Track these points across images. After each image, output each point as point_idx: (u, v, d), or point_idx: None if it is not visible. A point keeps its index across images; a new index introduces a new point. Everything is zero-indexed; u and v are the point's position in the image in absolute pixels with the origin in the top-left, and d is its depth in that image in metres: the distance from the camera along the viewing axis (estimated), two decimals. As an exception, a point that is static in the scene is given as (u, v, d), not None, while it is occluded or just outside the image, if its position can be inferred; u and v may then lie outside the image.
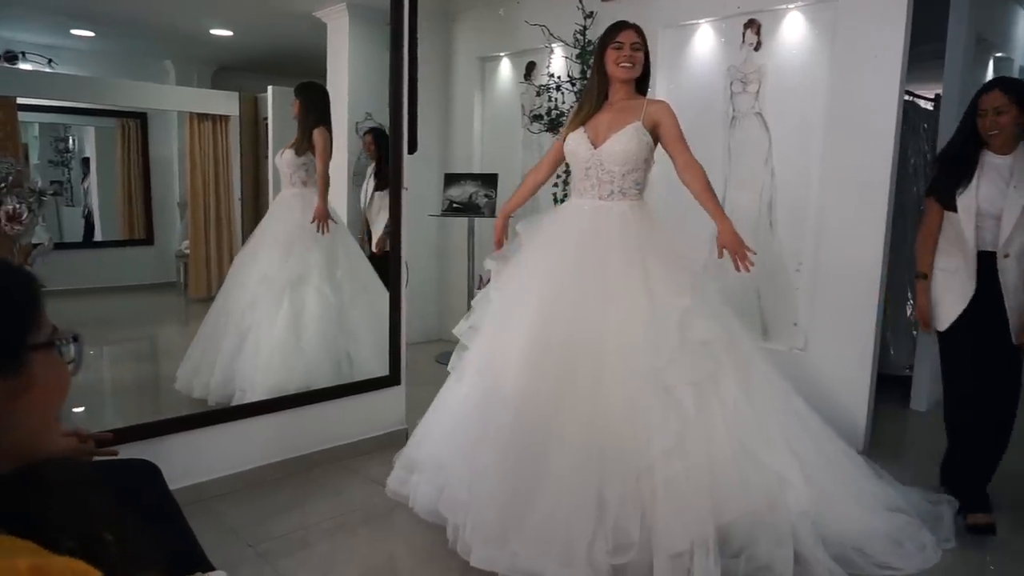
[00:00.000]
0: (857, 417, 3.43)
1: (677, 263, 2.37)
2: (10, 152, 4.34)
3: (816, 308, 3.56)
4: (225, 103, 5.32)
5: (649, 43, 2.43)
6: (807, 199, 3.64)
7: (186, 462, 2.69)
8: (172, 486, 2.73)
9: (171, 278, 5.44)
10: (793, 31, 3.64)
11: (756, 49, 3.74)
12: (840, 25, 3.41)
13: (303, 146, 3.77)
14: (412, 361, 2.58)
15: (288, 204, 3.74)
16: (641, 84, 2.55)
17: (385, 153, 4.38)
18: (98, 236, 5.57)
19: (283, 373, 3.30)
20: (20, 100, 4.69)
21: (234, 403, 3.15)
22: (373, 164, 4.39)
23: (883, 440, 3.57)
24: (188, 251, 5.36)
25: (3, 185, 4.25)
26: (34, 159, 5.31)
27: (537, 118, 4.34)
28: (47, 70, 4.64)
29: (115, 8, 4.52)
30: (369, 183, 4.41)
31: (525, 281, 2.46)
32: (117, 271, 5.31)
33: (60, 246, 4.99)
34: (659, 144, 2.53)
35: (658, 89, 4.04)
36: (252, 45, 5.16)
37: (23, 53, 4.51)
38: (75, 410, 2.85)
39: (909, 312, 4.40)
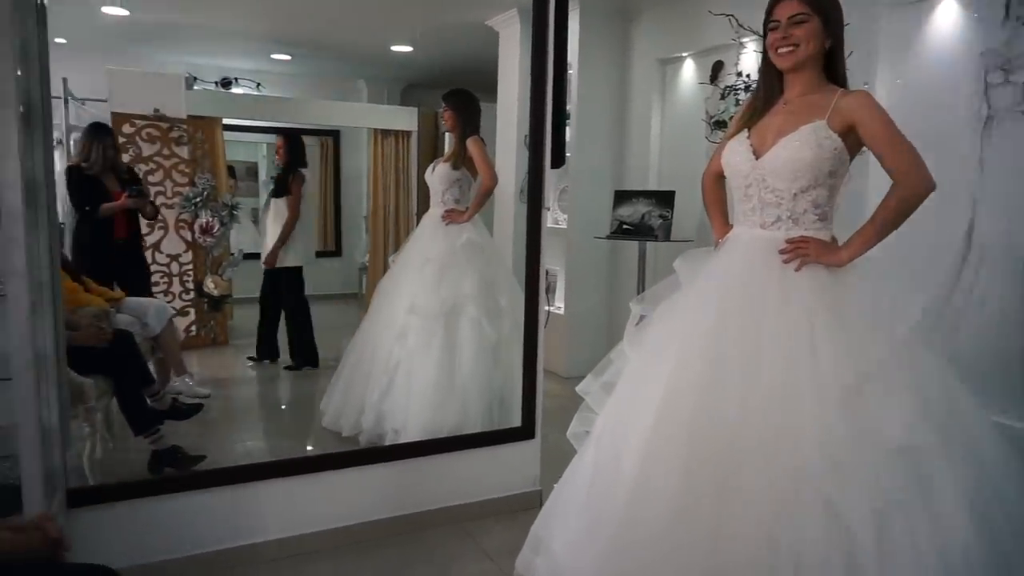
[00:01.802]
0: None
1: (868, 326, 1.57)
2: (209, 168, 4.51)
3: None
4: (406, 119, 5.22)
5: (871, 28, 1.69)
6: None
7: (284, 511, 2.36)
8: (263, 538, 2.37)
9: (355, 289, 5.48)
10: (1087, -4, 2.55)
11: (1026, 25, 2.69)
12: None
13: (460, 159, 3.36)
14: (570, 401, 2.05)
15: (438, 225, 3.35)
16: (833, 69, 1.77)
17: (292, 157, 4.11)
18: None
19: (436, 414, 2.90)
20: (257, 123, 4.87)
21: (387, 443, 2.84)
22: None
23: None
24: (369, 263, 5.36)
25: (199, 200, 4.40)
26: (262, 175, 5.57)
27: (720, 124, 3.59)
28: (255, 93, 4.79)
29: (303, 31, 4.52)
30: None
31: (665, 335, 1.80)
32: (310, 280, 5.45)
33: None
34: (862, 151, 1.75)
35: (878, 84, 3.10)
36: (432, 60, 4.98)
37: (236, 79, 4.68)
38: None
39: None
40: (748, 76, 3.53)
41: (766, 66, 1.82)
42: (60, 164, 3.48)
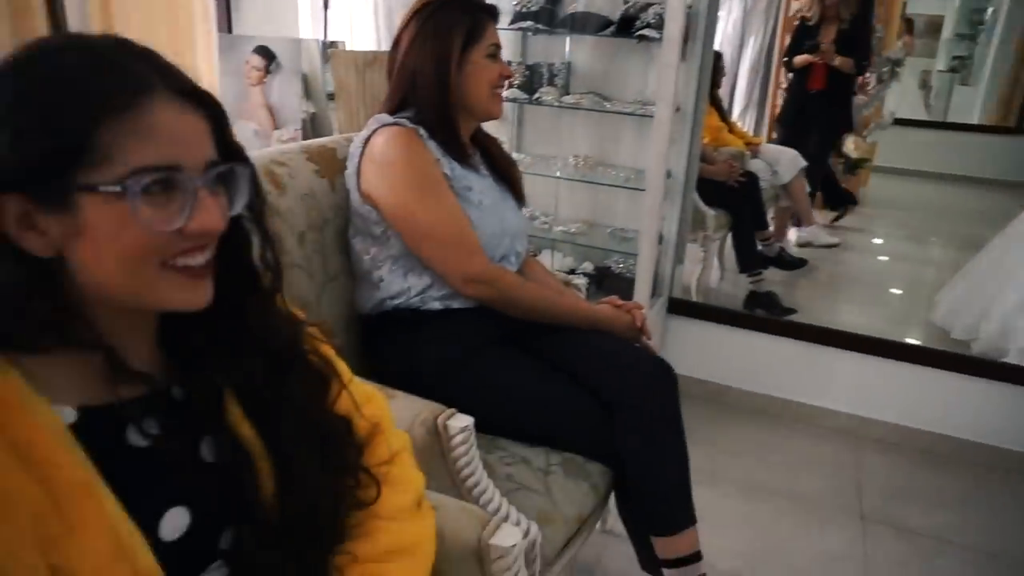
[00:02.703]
0: None
1: None
2: (882, 17, 4.09)
3: None
4: None
5: None
6: None
7: (858, 388, 2.23)
8: (828, 405, 2.30)
9: (1032, 177, 4.40)
10: None
11: None
12: None
13: None
14: None
15: None
16: None
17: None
18: (977, 119, 4.91)
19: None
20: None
21: (1006, 361, 2.34)
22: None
23: None
24: (1060, 148, 4.15)
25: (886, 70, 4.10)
26: (946, 33, 4.94)
27: None
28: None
29: None
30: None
31: None
32: (971, 160, 4.59)
33: (929, 124, 4.63)
34: None
35: None
36: None
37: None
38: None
39: None
40: None
41: None
42: (737, 12, 3.63)
